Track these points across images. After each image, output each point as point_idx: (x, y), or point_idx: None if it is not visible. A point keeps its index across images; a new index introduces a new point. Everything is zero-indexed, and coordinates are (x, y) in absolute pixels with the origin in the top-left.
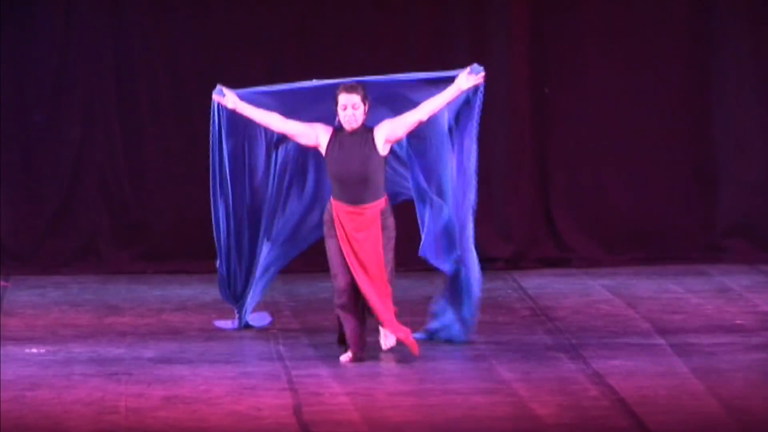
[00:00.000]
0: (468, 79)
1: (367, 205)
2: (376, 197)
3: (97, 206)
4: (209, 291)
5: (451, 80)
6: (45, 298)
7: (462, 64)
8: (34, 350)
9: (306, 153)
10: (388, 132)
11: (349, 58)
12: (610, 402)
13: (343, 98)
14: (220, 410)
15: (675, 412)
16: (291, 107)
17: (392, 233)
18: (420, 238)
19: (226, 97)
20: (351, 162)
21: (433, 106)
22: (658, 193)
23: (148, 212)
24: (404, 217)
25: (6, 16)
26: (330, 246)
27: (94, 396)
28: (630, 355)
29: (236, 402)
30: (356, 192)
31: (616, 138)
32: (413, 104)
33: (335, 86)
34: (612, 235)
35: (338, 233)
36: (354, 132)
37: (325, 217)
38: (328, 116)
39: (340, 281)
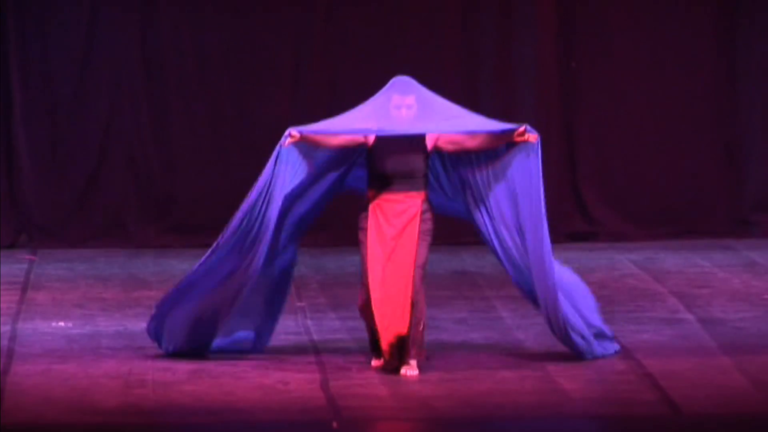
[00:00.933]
0: (518, 135)
1: (407, 194)
2: (416, 188)
3: (125, 181)
4: None
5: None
6: (72, 272)
7: (489, 41)
8: (62, 324)
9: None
10: (437, 141)
11: (374, 37)
12: (637, 376)
13: (398, 99)
14: (246, 384)
15: (702, 387)
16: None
17: (429, 236)
18: None
19: (293, 135)
20: (398, 154)
21: (483, 143)
22: (686, 168)
23: (175, 186)
24: None
25: None
26: (363, 246)
27: (121, 369)
28: (657, 329)
29: (263, 376)
30: (398, 182)
31: (644, 112)
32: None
33: (394, 135)
34: (639, 209)
35: (369, 232)
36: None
37: (360, 219)
38: None
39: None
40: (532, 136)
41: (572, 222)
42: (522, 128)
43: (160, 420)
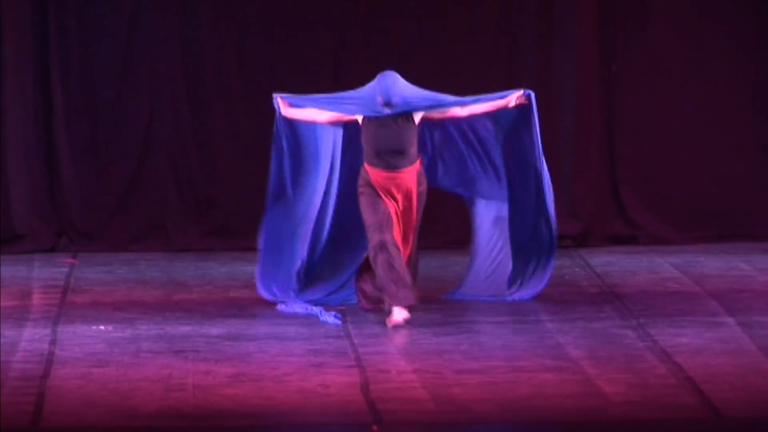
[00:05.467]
0: (516, 99)
1: (404, 170)
2: (411, 162)
3: (166, 183)
4: None
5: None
6: (113, 275)
7: (529, 44)
8: (102, 327)
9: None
10: (424, 114)
11: (413, 38)
12: (678, 380)
13: (381, 100)
14: (287, 388)
15: (742, 390)
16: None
17: (424, 197)
18: None
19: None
20: (388, 135)
21: (475, 108)
22: (727, 171)
23: (216, 189)
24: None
25: None
26: (365, 201)
27: (161, 373)
28: (697, 333)
29: (304, 379)
30: (392, 160)
31: (685, 115)
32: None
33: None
34: (680, 212)
35: (377, 191)
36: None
37: (360, 181)
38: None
39: (385, 234)
40: (522, 98)
41: (613, 225)
42: (517, 93)
43: (200, 424)
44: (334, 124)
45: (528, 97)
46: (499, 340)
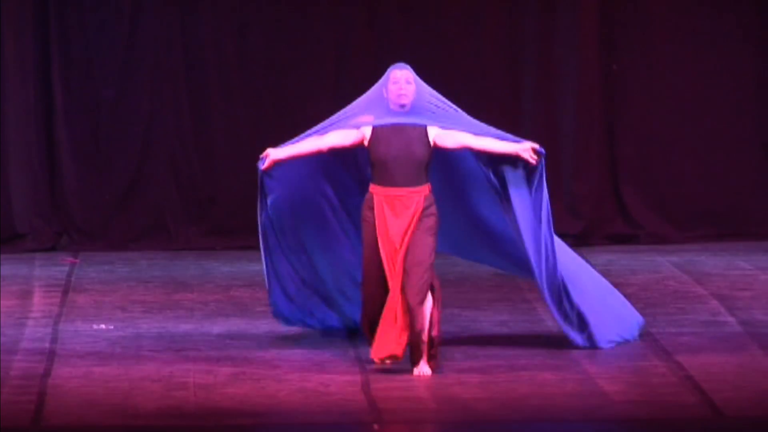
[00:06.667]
0: (527, 151)
1: (411, 188)
2: (420, 182)
3: (166, 182)
4: None
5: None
6: (113, 274)
7: (531, 43)
8: (103, 326)
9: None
10: (438, 134)
11: (416, 37)
12: (678, 379)
13: (397, 74)
14: (288, 387)
15: (743, 389)
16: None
17: (435, 226)
18: None
19: (268, 157)
20: (398, 141)
21: (487, 146)
22: (727, 169)
23: (216, 188)
24: None
25: None
26: (366, 233)
27: (162, 372)
28: (698, 331)
29: (304, 379)
30: (401, 173)
31: (685, 114)
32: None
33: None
34: (680, 211)
35: (377, 222)
36: (402, 121)
37: (364, 211)
38: None
39: (370, 288)
40: (534, 157)
41: (613, 224)
42: (531, 145)
43: (201, 423)
44: (338, 151)
45: (539, 154)
46: (499, 339)
